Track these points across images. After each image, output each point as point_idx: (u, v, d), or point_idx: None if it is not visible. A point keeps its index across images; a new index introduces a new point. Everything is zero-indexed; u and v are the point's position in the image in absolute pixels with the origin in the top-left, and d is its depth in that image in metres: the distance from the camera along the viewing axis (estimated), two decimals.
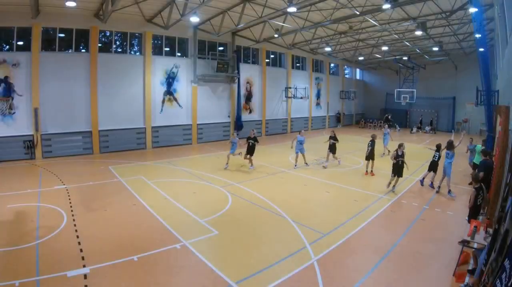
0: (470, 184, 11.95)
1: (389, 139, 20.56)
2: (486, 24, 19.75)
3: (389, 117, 37.69)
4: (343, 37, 27.16)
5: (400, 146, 12.89)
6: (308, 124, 35.60)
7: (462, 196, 12.44)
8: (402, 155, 12.71)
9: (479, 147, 13.47)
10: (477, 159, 12.86)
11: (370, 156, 15.41)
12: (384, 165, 16.06)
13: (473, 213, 8.16)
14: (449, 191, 12.47)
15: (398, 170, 12.68)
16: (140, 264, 7.05)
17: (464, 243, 6.87)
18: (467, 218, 8.65)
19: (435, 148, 13.47)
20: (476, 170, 11.77)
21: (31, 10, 16.30)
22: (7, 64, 16.98)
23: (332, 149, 17.26)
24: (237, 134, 16.52)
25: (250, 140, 16.03)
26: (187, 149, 22.61)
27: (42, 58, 17.88)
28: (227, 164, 16.36)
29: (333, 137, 17.14)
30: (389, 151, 19.55)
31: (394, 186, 12.90)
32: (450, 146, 12.74)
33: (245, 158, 16.30)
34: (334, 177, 15.08)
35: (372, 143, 15.44)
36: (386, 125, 22.40)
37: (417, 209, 11.05)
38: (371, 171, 15.57)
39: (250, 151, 16.11)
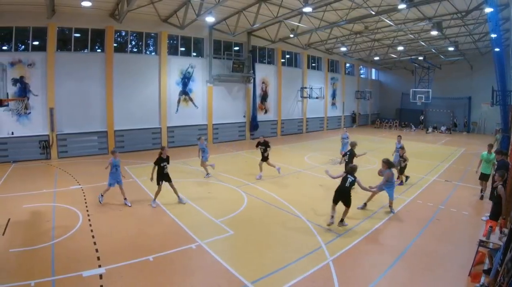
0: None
1: (348, 145, 16.15)
2: (501, 24, 19.62)
3: (422, 119, 38.18)
4: (358, 37, 26.89)
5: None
6: (323, 124, 35.37)
7: (474, 196, 12.22)
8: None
9: (485, 154, 11.88)
10: (485, 168, 11.77)
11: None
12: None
13: (497, 213, 8.02)
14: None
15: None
16: (156, 264, 6.98)
17: (479, 243, 6.81)
18: (485, 217, 8.64)
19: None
20: (482, 172, 11.90)
21: (47, 10, 16.50)
22: (22, 64, 17.18)
23: (264, 156, 14.63)
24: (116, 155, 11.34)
25: (164, 163, 10.81)
26: None
27: (58, 58, 18.05)
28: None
29: (262, 143, 14.57)
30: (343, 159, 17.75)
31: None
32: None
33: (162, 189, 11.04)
34: None
35: (350, 153, 13.02)
36: (345, 129, 20.49)
37: (432, 208, 10.85)
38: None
39: (164, 176, 10.86)
